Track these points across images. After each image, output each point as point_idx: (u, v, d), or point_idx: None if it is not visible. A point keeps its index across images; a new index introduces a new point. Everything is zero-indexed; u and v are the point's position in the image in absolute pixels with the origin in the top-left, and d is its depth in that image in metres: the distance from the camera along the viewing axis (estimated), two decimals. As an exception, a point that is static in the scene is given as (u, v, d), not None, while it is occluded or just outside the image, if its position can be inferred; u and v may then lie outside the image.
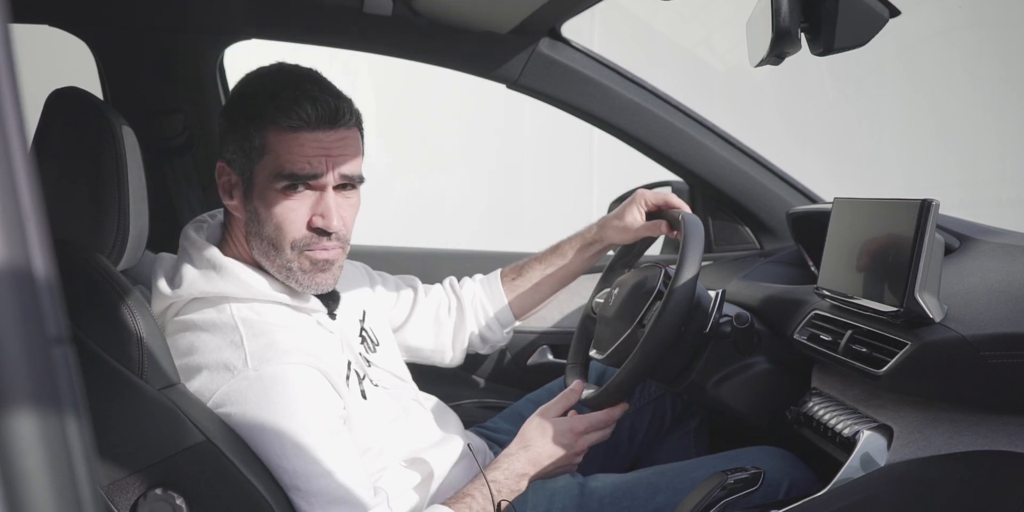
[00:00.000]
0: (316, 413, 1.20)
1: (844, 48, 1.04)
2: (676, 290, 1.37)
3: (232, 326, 1.23)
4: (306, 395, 1.20)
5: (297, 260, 1.27)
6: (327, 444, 1.19)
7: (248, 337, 1.21)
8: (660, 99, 1.98)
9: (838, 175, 4.60)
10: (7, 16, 0.45)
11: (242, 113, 1.26)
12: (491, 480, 1.34)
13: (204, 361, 1.20)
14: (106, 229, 1.19)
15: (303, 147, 1.23)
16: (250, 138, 1.24)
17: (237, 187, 1.28)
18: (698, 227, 1.45)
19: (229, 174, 1.29)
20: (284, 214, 1.25)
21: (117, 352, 1.10)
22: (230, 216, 1.33)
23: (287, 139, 1.23)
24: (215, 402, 1.18)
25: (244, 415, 1.17)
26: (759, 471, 1.30)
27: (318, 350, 1.26)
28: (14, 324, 0.44)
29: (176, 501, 1.09)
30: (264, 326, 1.24)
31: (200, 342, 1.22)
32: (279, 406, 1.17)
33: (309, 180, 1.24)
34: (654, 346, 1.37)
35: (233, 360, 1.19)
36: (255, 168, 1.25)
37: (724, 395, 1.47)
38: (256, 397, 1.17)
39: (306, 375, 1.20)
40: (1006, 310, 1.12)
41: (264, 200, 1.25)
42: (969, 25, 4.72)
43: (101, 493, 1.08)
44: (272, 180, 1.24)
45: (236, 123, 1.26)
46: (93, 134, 1.19)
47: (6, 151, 0.43)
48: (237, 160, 1.27)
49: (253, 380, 1.17)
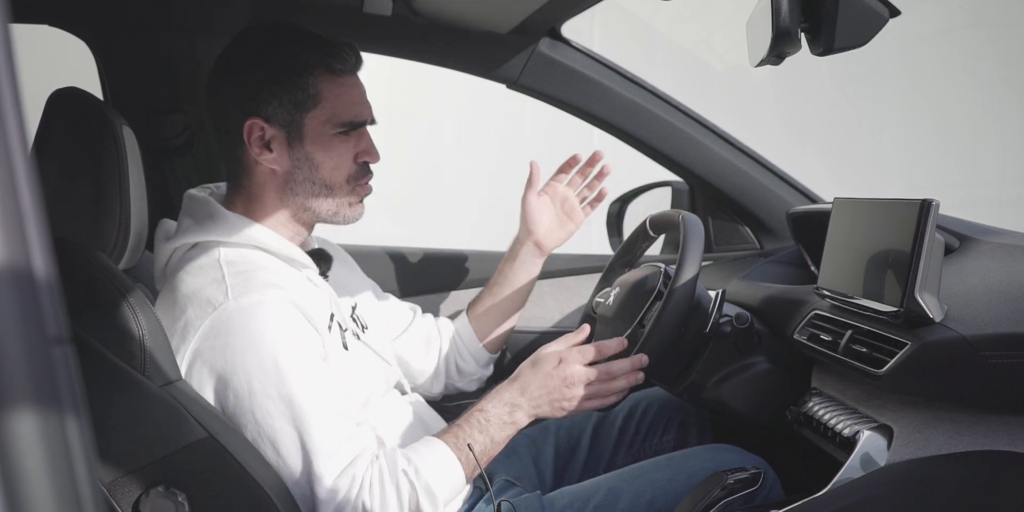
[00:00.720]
0: (294, 341, 1.23)
1: (844, 48, 1.04)
2: (676, 290, 1.37)
3: (216, 266, 1.27)
4: (283, 323, 1.22)
5: (349, 196, 1.38)
6: (307, 370, 1.22)
7: (230, 274, 1.26)
8: (660, 99, 1.98)
9: (838, 175, 4.60)
10: (7, 16, 0.45)
11: (286, 66, 1.31)
12: (479, 410, 1.34)
13: (189, 301, 1.24)
14: (107, 228, 1.19)
15: (349, 92, 1.35)
16: (303, 87, 1.31)
17: (277, 140, 1.33)
18: (698, 227, 1.45)
19: (265, 129, 1.33)
20: (341, 154, 1.35)
21: (119, 349, 1.10)
22: (252, 176, 1.36)
23: (336, 85, 1.33)
24: (200, 338, 1.21)
25: (226, 347, 1.20)
26: (759, 471, 1.30)
27: (299, 291, 1.28)
28: (14, 324, 0.44)
29: (178, 498, 1.09)
30: (247, 266, 1.28)
31: (185, 285, 1.26)
32: (257, 333, 1.20)
33: (361, 126, 1.37)
34: (654, 346, 1.37)
35: (215, 295, 1.23)
36: (305, 117, 1.32)
37: (724, 395, 1.47)
38: (236, 326, 1.20)
39: (282, 307, 1.23)
40: (1006, 310, 1.12)
41: (319, 145, 1.34)
42: (969, 25, 4.72)
43: (103, 491, 1.08)
44: (327, 126, 1.33)
45: (279, 77, 1.31)
46: (94, 134, 1.20)
47: (6, 151, 0.43)
48: (280, 113, 1.32)
49: (233, 310, 1.21)
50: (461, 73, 1.98)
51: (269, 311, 1.22)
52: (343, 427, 1.24)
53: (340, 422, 1.24)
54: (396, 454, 1.26)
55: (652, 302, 1.46)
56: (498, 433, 1.33)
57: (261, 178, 1.36)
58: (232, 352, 1.20)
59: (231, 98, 1.33)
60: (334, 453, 1.21)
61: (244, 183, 1.37)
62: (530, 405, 1.34)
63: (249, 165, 1.35)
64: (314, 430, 1.20)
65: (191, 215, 1.35)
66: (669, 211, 1.60)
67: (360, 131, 1.38)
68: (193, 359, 1.21)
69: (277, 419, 1.19)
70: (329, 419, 1.22)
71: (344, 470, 1.21)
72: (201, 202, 1.36)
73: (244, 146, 1.33)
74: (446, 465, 1.28)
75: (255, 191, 1.36)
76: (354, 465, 1.22)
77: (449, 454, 1.29)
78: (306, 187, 1.35)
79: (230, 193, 1.39)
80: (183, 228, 1.34)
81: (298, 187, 1.35)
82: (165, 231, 1.37)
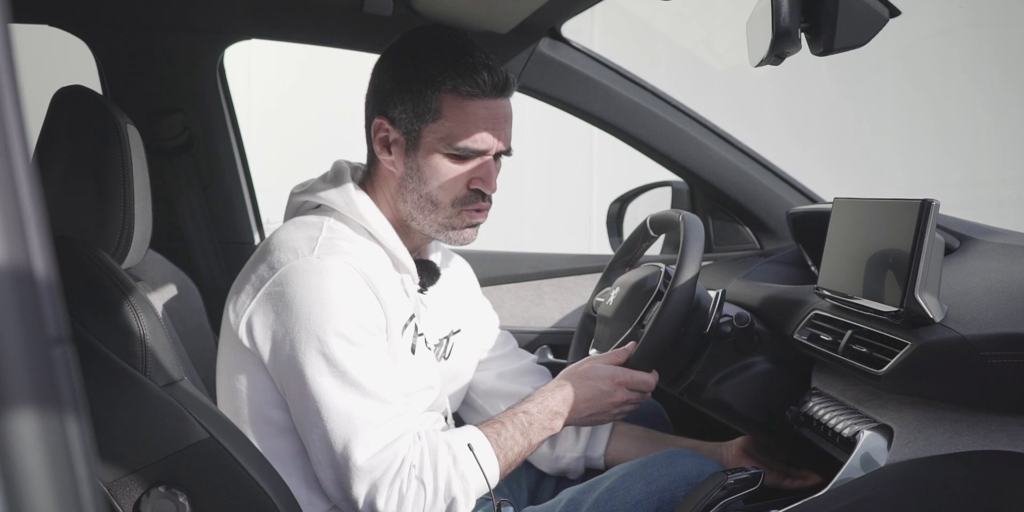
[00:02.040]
0: (359, 308, 1.24)
1: (844, 48, 1.04)
2: (676, 290, 1.37)
3: (319, 227, 1.31)
4: (351, 289, 1.24)
5: (455, 218, 1.36)
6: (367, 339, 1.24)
7: (326, 237, 1.29)
8: (660, 99, 1.98)
9: (838, 175, 4.60)
10: (7, 16, 0.45)
11: (417, 74, 1.32)
12: (523, 411, 1.34)
13: (279, 247, 1.28)
14: (111, 227, 1.19)
15: (476, 116, 1.32)
16: (426, 100, 1.31)
17: (398, 144, 1.35)
18: (698, 227, 1.45)
19: (389, 131, 1.35)
20: (449, 176, 1.34)
21: (120, 349, 1.10)
22: (377, 170, 1.39)
23: (462, 105, 1.32)
24: (273, 283, 1.24)
25: (294, 297, 1.23)
26: (759, 471, 1.30)
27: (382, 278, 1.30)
28: (14, 324, 0.44)
29: (179, 499, 1.09)
30: (345, 238, 1.31)
31: (285, 232, 1.32)
32: (325, 291, 1.22)
33: (481, 154, 1.35)
34: (654, 347, 1.37)
35: (303, 247, 1.27)
36: (424, 129, 1.33)
37: (724, 395, 1.47)
38: (308, 280, 1.23)
39: (356, 278, 1.25)
40: (1006, 310, 1.12)
41: (429, 161, 1.34)
42: (969, 25, 4.72)
43: (104, 490, 1.08)
44: (442, 145, 1.33)
45: (409, 83, 1.32)
46: (98, 132, 1.20)
47: (6, 151, 0.43)
48: (404, 119, 1.33)
49: (312, 264, 1.24)
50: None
51: (341, 274, 1.24)
52: (395, 402, 1.24)
53: (393, 397, 1.24)
54: (439, 438, 1.26)
55: (652, 302, 1.46)
56: (536, 437, 1.33)
57: (383, 173, 1.39)
58: (296, 304, 1.22)
59: (373, 93, 1.37)
60: (381, 425, 1.22)
61: (371, 172, 1.41)
62: (571, 415, 1.36)
63: (375, 160, 1.39)
64: (365, 398, 1.21)
65: (329, 180, 1.38)
66: (669, 211, 1.60)
67: (483, 158, 1.35)
68: (260, 301, 1.25)
69: (328, 380, 1.20)
70: (383, 391, 1.23)
71: (388, 445, 1.21)
72: (342, 172, 1.39)
73: (372, 141, 1.37)
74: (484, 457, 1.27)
75: (378, 184, 1.40)
76: (398, 442, 1.22)
77: (489, 448, 1.28)
78: (413, 197, 1.36)
79: (363, 177, 1.42)
80: (315, 187, 1.38)
81: (408, 195, 1.36)
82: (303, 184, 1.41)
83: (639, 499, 1.36)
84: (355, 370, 1.21)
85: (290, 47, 1.93)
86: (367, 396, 1.21)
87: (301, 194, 1.39)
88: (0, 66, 0.44)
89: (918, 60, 4.82)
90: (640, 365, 1.39)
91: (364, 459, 1.19)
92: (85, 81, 1.43)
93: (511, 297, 2.09)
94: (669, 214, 1.58)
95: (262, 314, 1.25)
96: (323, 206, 1.36)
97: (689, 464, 1.40)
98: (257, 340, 1.25)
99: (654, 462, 1.42)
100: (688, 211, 2.16)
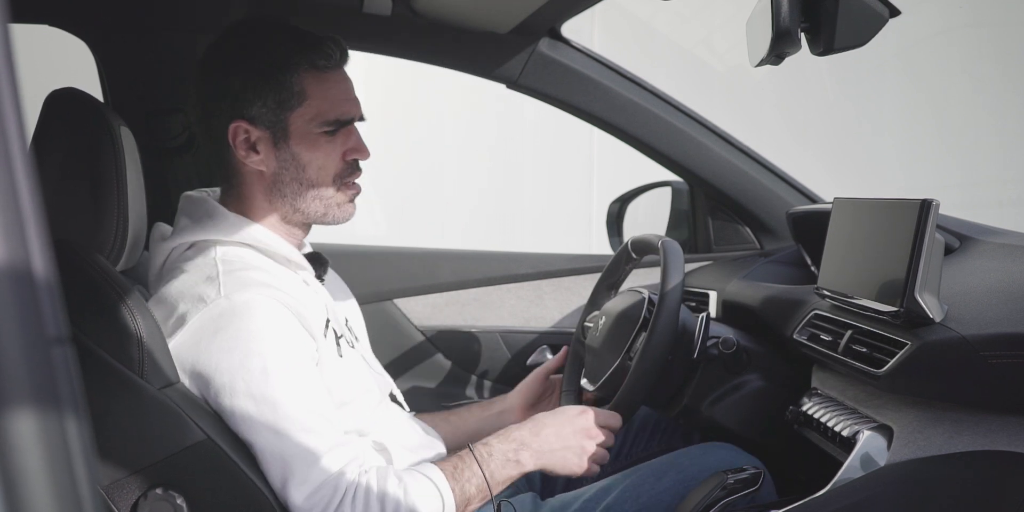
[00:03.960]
0: (283, 342, 1.20)
1: (844, 48, 1.04)
2: (659, 322, 1.37)
3: (212, 264, 1.26)
4: (273, 323, 1.20)
5: (336, 196, 1.35)
6: (294, 372, 1.19)
7: (224, 272, 1.24)
8: (660, 99, 1.98)
9: (838, 175, 4.59)
10: (7, 16, 0.45)
11: (268, 65, 1.28)
12: (483, 443, 1.30)
13: (182, 297, 1.23)
14: (105, 229, 1.19)
15: (335, 89, 1.32)
16: (287, 86, 1.29)
17: (263, 141, 1.31)
18: (677, 254, 1.44)
19: (250, 131, 1.30)
20: (327, 153, 1.33)
21: (117, 352, 1.10)
22: (239, 178, 1.34)
23: (321, 81, 1.30)
24: (188, 333, 1.19)
25: (212, 344, 1.18)
26: (759, 471, 1.30)
27: (294, 293, 1.26)
28: (14, 324, 0.44)
29: (177, 501, 1.09)
30: (243, 264, 1.26)
31: (180, 282, 1.25)
32: (245, 331, 1.18)
33: (348, 124, 1.34)
34: (641, 379, 1.37)
35: (208, 292, 1.21)
36: (291, 116, 1.30)
37: (718, 416, 1.47)
38: (225, 323, 1.18)
39: (275, 308, 1.21)
40: (1006, 310, 1.12)
41: (305, 144, 1.31)
42: (969, 25, 4.72)
43: (101, 493, 1.08)
44: (313, 125, 1.31)
45: (262, 76, 1.28)
46: (91, 135, 1.19)
47: (6, 151, 0.43)
48: (265, 113, 1.29)
49: (224, 308, 1.19)
50: (461, 73, 1.98)
51: (260, 310, 1.19)
52: (329, 435, 1.20)
53: (327, 429, 1.20)
54: (388, 471, 1.23)
55: (638, 332, 1.46)
56: (499, 470, 1.28)
57: (249, 179, 1.33)
58: (218, 349, 1.17)
59: (215, 100, 1.30)
60: (316, 461, 1.17)
61: (234, 184, 1.35)
62: (539, 447, 1.31)
63: (237, 167, 1.33)
64: (296, 435, 1.17)
65: (188, 215, 1.33)
66: (650, 235, 1.58)
67: (348, 128, 1.35)
68: (179, 354, 1.19)
69: (257, 421, 1.16)
70: (314, 425, 1.18)
71: (326, 480, 1.17)
72: (198, 202, 1.34)
73: (230, 148, 1.31)
74: (437, 493, 1.23)
75: (245, 192, 1.34)
76: (340, 476, 1.18)
77: (444, 482, 1.24)
78: (293, 187, 1.32)
79: (223, 195, 1.37)
80: (180, 228, 1.32)
81: (285, 188, 1.32)
82: (161, 233, 1.35)
83: (667, 486, 1.36)
84: (285, 406, 1.17)
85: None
86: (301, 431, 1.17)
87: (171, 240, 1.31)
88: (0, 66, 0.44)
89: (918, 60, 4.81)
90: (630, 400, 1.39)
91: (301, 498, 1.15)
92: (85, 81, 1.43)
93: (511, 297, 2.09)
94: (649, 238, 1.58)
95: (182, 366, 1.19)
96: (197, 243, 1.30)
97: (722, 455, 1.40)
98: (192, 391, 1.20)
99: (687, 453, 1.42)
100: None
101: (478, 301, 2.09)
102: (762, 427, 1.47)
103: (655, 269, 1.98)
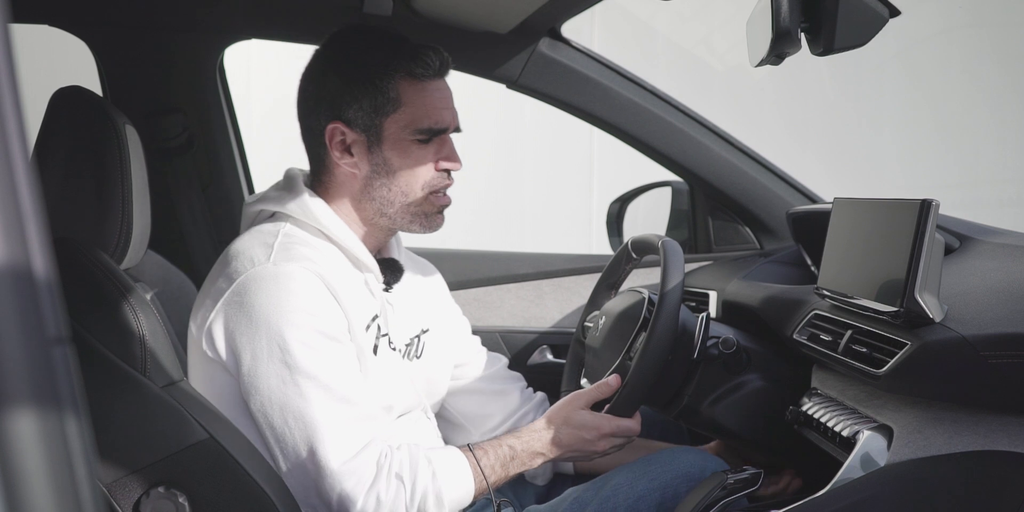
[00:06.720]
0: (317, 312, 1.24)
1: (844, 48, 1.04)
2: (659, 322, 1.37)
3: (275, 234, 1.31)
4: (310, 295, 1.24)
5: (424, 204, 1.37)
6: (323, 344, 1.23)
7: (281, 243, 1.29)
8: (660, 99, 1.98)
9: (838, 175, 4.59)
10: (7, 16, 0.45)
11: (367, 69, 1.32)
12: (508, 445, 1.34)
13: (236, 256, 1.28)
14: (109, 227, 1.19)
15: (432, 97, 1.35)
16: (383, 91, 1.32)
17: (358, 144, 1.34)
18: (678, 254, 1.44)
19: (346, 134, 1.34)
20: (419, 160, 1.35)
21: (120, 350, 1.10)
22: (330, 176, 1.38)
23: (418, 89, 1.33)
24: (232, 292, 1.24)
25: (251, 306, 1.22)
26: (759, 471, 1.30)
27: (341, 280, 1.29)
28: (14, 324, 0.44)
29: (179, 499, 1.09)
30: (302, 242, 1.31)
31: (242, 242, 1.32)
32: (283, 298, 1.22)
33: (443, 133, 1.36)
34: (641, 379, 1.37)
35: (259, 255, 1.27)
36: (385, 121, 1.33)
37: (718, 416, 1.47)
38: (266, 287, 1.23)
39: (314, 282, 1.25)
40: (1006, 310, 1.12)
41: (397, 150, 1.34)
42: (969, 25, 4.72)
43: (104, 491, 1.08)
44: (407, 132, 1.34)
45: (360, 80, 1.32)
46: (97, 132, 1.20)
47: (6, 151, 0.43)
48: (361, 117, 1.33)
49: (269, 271, 1.24)
50: (461, 73, 1.98)
51: (299, 280, 1.23)
52: (360, 404, 1.23)
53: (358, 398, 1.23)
54: (419, 451, 1.26)
55: (637, 333, 1.46)
56: (514, 470, 1.34)
57: (341, 179, 1.37)
58: (255, 312, 1.22)
59: (316, 100, 1.35)
60: (350, 428, 1.21)
61: (324, 180, 1.39)
62: (552, 457, 1.37)
63: (331, 166, 1.37)
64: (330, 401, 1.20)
65: (282, 188, 1.38)
66: (650, 235, 1.58)
67: (442, 138, 1.37)
68: (219, 311, 1.24)
69: (290, 387, 1.20)
70: (346, 393, 1.22)
71: (359, 451, 1.20)
72: (293, 180, 1.38)
73: (326, 148, 1.35)
74: (463, 479, 1.27)
75: (334, 190, 1.38)
76: (369, 448, 1.21)
77: (467, 471, 1.28)
78: (382, 193, 1.35)
79: (313, 185, 1.40)
80: (268, 196, 1.38)
81: (375, 192, 1.36)
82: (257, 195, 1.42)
83: (642, 494, 1.36)
84: (319, 376, 1.21)
85: (290, 47, 1.93)
86: (333, 400, 1.21)
87: (254, 204, 1.39)
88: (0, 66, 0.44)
89: (918, 60, 4.81)
90: (630, 400, 1.39)
91: (338, 464, 1.19)
92: (85, 81, 1.43)
93: (511, 297, 2.09)
94: (649, 238, 1.57)
95: (221, 324, 1.24)
96: (278, 214, 1.36)
97: (692, 459, 1.41)
98: (219, 350, 1.24)
99: (657, 459, 1.43)
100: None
101: (478, 301, 2.09)
102: (762, 427, 1.48)
103: (655, 269, 1.98)
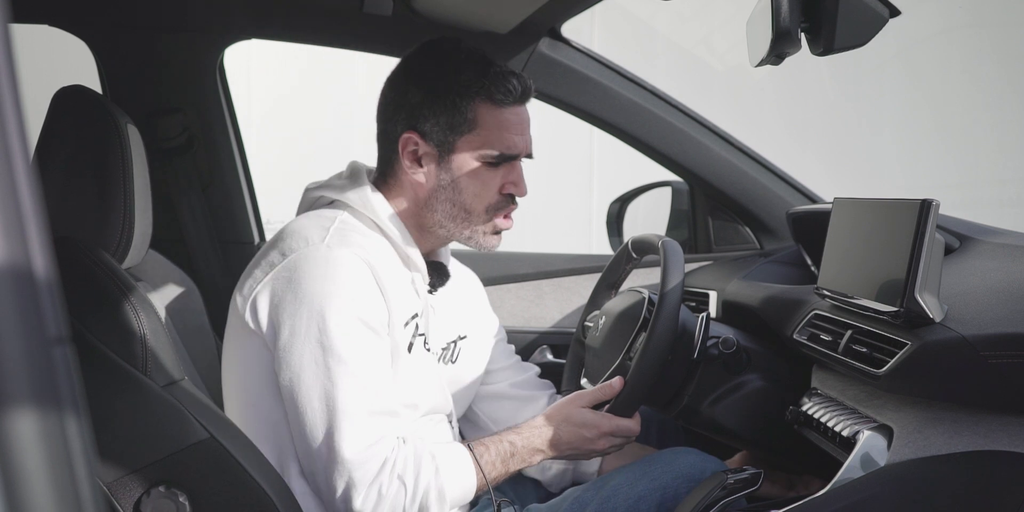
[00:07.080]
0: (360, 302, 1.25)
1: (844, 48, 1.04)
2: (659, 322, 1.36)
3: (333, 219, 1.33)
4: (356, 282, 1.25)
5: (486, 224, 1.40)
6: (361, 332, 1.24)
7: (337, 228, 1.31)
8: (660, 99, 1.98)
9: (838, 175, 4.59)
10: (7, 16, 0.45)
11: (449, 86, 1.33)
12: (509, 441, 1.35)
13: (292, 235, 1.31)
14: (111, 226, 1.20)
15: (508, 123, 1.36)
16: (460, 110, 1.34)
17: (429, 157, 1.36)
18: (678, 254, 1.44)
19: (419, 144, 1.36)
20: (484, 183, 1.37)
21: (121, 349, 1.10)
22: (396, 180, 1.40)
23: (495, 114, 1.35)
24: (284, 266, 1.27)
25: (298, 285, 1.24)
26: (759, 471, 1.30)
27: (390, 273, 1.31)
28: (14, 324, 0.44)
29: (179, 499, 1.10)
30: (358, 231, 1.33)
31: (299, 223, 1.34)
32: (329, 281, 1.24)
33: (513, 159, 1.38)
34: (641, 379, 1.37)
35: (314, 236, 1.29)
36: (458, 140, 1.35)
37: (719, 416, 1.47)
38: (314, 269, 1.25)
39: (363, 270, 1.26)
40: (1006, 310, 1.12)
41: (466, 169, 1.36)
42: (969, 25, 4.72)
43: (104, 490, 1.08)
44: (478, 154, 1.36)
45: (441, 95, 1.33)
46: (99, 132, 1.20)
47: (6, 151, 0.43)
48: (436, 131, 1.35)
49: (321, 252, 1.26)
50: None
51: (349, 265, 1.25)
52: (384, 396, 1.25)
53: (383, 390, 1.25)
54: (423, 446, 1.27)
55: (637, 333, 1.46)
56: (513, 467, 1.35)
57: (407, 187, 1.39)
58: (301, 290, 1.24)
59: (396, 107, 1.37)
60: (369, 418, 1.22)
61: (389, 181, 1.41)
62: (552, 454, 1.38)
63: (399, 173, 1.39)
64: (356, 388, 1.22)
65: (346, 178, 1.40)
66: (650, 235, 1.58)
67: (512, 163, 1.39)
68: (267, 284, 1.26)
69: (321, 367, 1.22)
70: (373, 383, 1.24)
71: (373, 443, 1.21)
72: (359, 172, 1.41)
73: (398, 155, 1.37)
74: (466, 475, 1.28)
75: (396, 192, 1.40)
76: (381, 442, 1.22)
77: (470, 467, 1.29)
78: (445, 207, 1.37)
79: (376, 182, 1.42)
80: (331, 184, 1.40)
81: (438, 205, 1.38)
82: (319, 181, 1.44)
83: (642, 494, 1.37)
84: (350, 362, 1.22)
85: (290, 47, 1.93)
86: (359, 388, 1.22)
87: (316, 189, 1.41)
88: (0, 66, 0.44)
89: (918, 60, 4.82)
90: (629, 400, 1.39)
91: (351, 453, 1.20)
92: (85, 81, 1.43)
93: (511, 297, 2.09)
94: (649, 238, 1.58)
95: (267, 297, 1.26)
96: (337, 202, 1.38)
97: (692, 461, 1.41)
98: (261, 322, 1.26)
99: (657, 459, 1.43)
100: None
101: (478, 301, 2.08)
102: (762, 427, 1.48)
103: (655, 269, 1.98)
